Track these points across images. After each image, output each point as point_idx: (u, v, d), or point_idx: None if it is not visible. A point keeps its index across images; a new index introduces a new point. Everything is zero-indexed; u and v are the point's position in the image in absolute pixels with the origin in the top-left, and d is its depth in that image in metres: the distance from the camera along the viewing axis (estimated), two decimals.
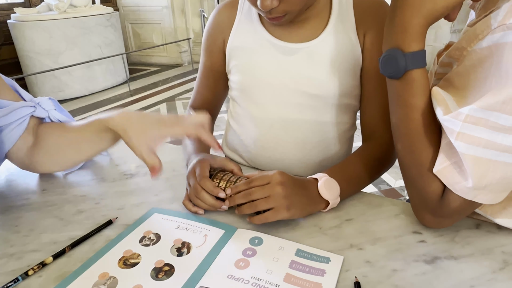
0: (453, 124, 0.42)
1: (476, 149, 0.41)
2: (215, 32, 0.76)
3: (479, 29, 0.44)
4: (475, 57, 0.45)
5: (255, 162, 0.79)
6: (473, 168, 0.42)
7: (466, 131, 0.41)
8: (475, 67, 0.44)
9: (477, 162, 0.42)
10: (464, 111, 0.41)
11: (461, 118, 0.41)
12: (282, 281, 0.45)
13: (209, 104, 0.82)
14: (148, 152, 0.54)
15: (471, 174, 0.42)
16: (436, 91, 0.45)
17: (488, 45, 0.43)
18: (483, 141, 0.41)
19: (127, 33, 5.03)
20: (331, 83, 0.68)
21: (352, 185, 0.61)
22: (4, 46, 3.82)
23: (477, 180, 0.42)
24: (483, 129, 0.40)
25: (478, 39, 0.44)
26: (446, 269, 0.46)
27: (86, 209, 0.61)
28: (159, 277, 0.46)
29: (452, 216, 0.49)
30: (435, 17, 0.45)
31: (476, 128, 0.41)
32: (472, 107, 0.40)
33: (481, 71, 0.43)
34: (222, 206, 0.56)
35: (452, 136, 0.43)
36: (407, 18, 0.45)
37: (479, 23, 0.45)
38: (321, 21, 0.68)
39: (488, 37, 0.43)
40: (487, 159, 0.41)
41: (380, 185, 1.95)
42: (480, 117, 0.40)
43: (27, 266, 0.49)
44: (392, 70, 0.47)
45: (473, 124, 0.41)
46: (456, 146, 0.42)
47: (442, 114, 0.43)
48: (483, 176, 0.42)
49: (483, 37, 0.44)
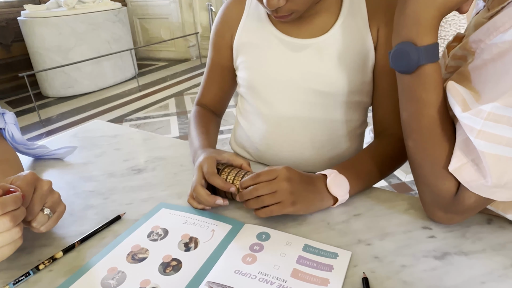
0: (473, 122, 0.41)
1: (497, 147, 0.40)
2: (223, 28, 0.75)
3: (499, 21, 0.42)
4: (495, 51, 0.43)
5: (262, 159, 0.79)
6: (493, 166, 0.41)
7: (487, 129, 0.40)
8: (494, 61, 0.42)
9: (497, 160, 0.41)
10: (486, 108, 0.40)
11: (483, 116, 0.40)
12: (289, 276, 0.44)
13: (216, 100, 0.82)
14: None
15: (490, 172, 0.41)
16: (452, 86, 0.44)
17: (511, 39, 0.41)
18: (505, 139, 0.40)
19: (135, 28, 5.04)
20: (341, 80, 0.66)
21: (362, 182, 0.60)
22: (15, 43, 3.87)
23: (496, 178, 0.41)
24: (506, 127, 0.39)
25: (498, 31, 0.42)
26: (456, 265, 0.45)
27: (95, 204, 0.62)
28: (167, 271, 0.46)
29: (465, 213, 0.48)
30: (448, 9, 0.43)
31: (498, 126, 0.40)
32: (495, 105, 0.39)
33: (501, 66, 0.41)
34: (217, 201, 0.54)
35: (472, 134, 0.41)
36: (420, 10, 0.43)
37: (500, 15, 0.43)
38: (331, 15, 0.66)
39: (511, 30, 0.41)
40: (508, 157, 0.40)
41: (390, 179, 1.94)
42: (502, 114, 0.39)
43: (38, 261, 0.49)
44: (404, 65, 0.45)
45: (495, 122, 0.39)
46: (476, 144, 0.41)
47: (460, 111, 0.42)
48: (502, 174, 0.41)
49: (505, 29, 0.41)
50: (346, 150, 0.75)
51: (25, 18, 3.51)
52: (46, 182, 0.49)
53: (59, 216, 0.51)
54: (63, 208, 0.51)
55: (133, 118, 3.03)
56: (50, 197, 0.49)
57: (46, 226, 0.49)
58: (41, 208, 0.48)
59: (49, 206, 0.49)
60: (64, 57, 3.56)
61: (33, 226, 0.47)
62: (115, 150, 0.81)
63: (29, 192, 0.46)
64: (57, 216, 0.50)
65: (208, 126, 0.75)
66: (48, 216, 0.48)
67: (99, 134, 0.90)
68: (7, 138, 0.70)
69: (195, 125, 0.75)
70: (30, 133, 2.87)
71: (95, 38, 3.70)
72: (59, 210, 0.50)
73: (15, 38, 3.85)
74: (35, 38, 3.49)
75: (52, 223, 0.49)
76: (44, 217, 0.48)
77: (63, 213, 0.51)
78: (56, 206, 0.50)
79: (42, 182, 0.49)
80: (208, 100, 0.82)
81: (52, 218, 0.49)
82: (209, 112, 0.81)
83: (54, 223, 0.50)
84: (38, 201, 0.47)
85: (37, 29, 3.45)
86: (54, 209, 0.50)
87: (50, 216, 0.49)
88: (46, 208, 0.48)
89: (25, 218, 0.46)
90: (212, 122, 0.78)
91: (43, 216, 0.48)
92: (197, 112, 0.79)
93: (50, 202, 0.49)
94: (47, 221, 0.48)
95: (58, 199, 0.51)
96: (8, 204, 0.41)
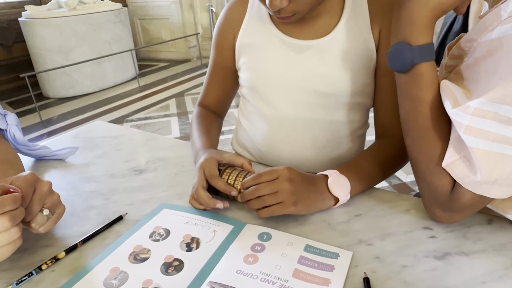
0: (461, 118, 0.42)
1: (485, 142, 0.41)
2: (226, 29, 0.76)
3: (489, 20, 0.43)
4: (485, 49, 0.44)
5: (264, 159, 0.79)
6: (482, 162, 0.41)
7: (474, 125, 0.41)
8: (485, 59, 0.43)
9: (486, 156, 0.41)
10: (472, 104, 0.40)
11: (470, 112, 0.40)
12: (291, 276, 0.45)
13: (218, 101, 0.82)
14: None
15: (480, 168, 0.42)
16: (445, 84, 0.45)
17: (498, 37, 0.42)
18: (492, 134, 0.40)
19: (136, 29, 5.05)
20: (343, 81, 0.66)
21: (363, 182, 0.60)
22: (16, 44, 3.88)
23: (486, 174, 0.42)
24: (492, 122, 0.40)
25: (488, 30, 0.43)
26: (457, 265, 0.45)
27: (97, 205, 0.62)
28: (169, 272, 0.46)
29: (463, 210, 0.49)
30: (442, 10, 0.44)
31: (484, 122, 0.40)
32: (481, 100, 0.40)
33: (491, 63, 0.42)
34: (217, 205, 0.55)
35: (460, 130, 0.42)
36: (414, 11, 0.44)
37: (489, 14, 0.44)
38: (333, 17, 0.66)
39: (498, 28, 0.42)
40: (496, 152, 0.41)
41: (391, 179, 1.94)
42: (488, 110, 0.39)
43: (40, 261, 0.50)
44: (400, 64, 0.46)
45: (482, 117, 0.40)
46: (464, 140, 0.42)
47: (450, 108, 0.43)
48: (492, 170, 0.41)
49: (493, 28, 0.43)
50: (347, 151, 0.76)
51: (26, 19, 3.51)
52: (46, 183, 0.49)
53: (58, 217, 0.51)
54: (62, 209, 0.51)
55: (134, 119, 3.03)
56: (50, 198, 0.49)
57: (45, 227, 0.49)
58: (41, 209, 0.48)
59: (49, 207, 0.49)
60: (65, 58, 3.56)
61: (32, 227, 0.47)
62: (116, 150, 0.81)
63: (29, 192, 0.46)
64: (56, 217, 0.50)
65: (210, 126, 0.76)
66: (47, 217, 0.48)
67: (100, 134, 0.90)
68: (9, 139, 0.70)
69: (197, 126, 0.75)
70: (31, 133, 2.87)
71: (96, 39, 3.71)
72: (58, 211, 0.50)
73: (16, 39, 3.85)
74: (36, 39, 3.50)
75: (51, 224, 0.49)
76: (43, 218, 0.48)
77: (62, 214, 0.51)
78: (55, 207, 0.50)
79: (42, 183, 0.49)
80: (210, 101, 0.82)
81: (51, 219, 0.49)
82: (211, 113, 0.81)
83: (53, 224, 0.50)
84: (37, 201, 0.47)
85: (38, 30, 3.46)
86: (53, 210, 0.50)
87: (49, 217, 0.49)
88: (45, 209, 0.48)
89: (24, 219, 0.46)
90: (214, 122, 0.79)
91: (42, 217, 0.48)
92: (199, 113, 0.79)
93: (50, 203, 0.49)
94: (46, 222, 0.48)
95: (58, 200, 0.51)
96: (6, 204, 0.41)
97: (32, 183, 0.47)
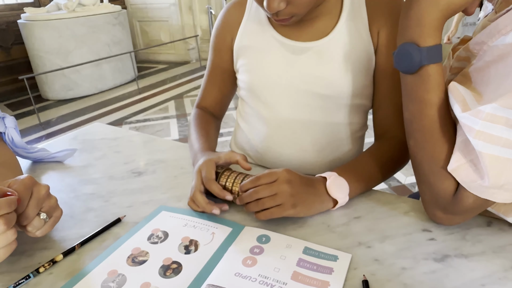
0: (472, 122, 0.41)
1: (495, 147, 0.40)
2: (224, 31, 0.76)
3: (502, 24, 0.43)
4: (496, 53, 0.43)
5: (263, 161, 0.79)
6: (490, 166, 0.41)
7: (485, 130, 0.40)
8: (496, 63, 0.43)
9: (495, 160, 0.41)
10: (485, 109, 0.40)
11: (482, 117, 0.40)
12: (290, 279, 0.44)
13: (216, 102, 0.82)
14: None
15: (488, 173, 0.41)
16: (454, 86, 0.44)
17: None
18: (502, 140, 0.40)
19: (135, 31, 5.06)
20: (342, 83, 0.66)
21: (362, 184, 0.60)
22: (15, 45, 3.88)
23: (494, 178, 0.41)
24: (503, 128, 0.39)
25: (500, 34, 0.43)
26: (456, 267, 0.45)
27: (95, 207, 0.62)
28: (167, 274, 0.46)
29: (464, 213, 0.48)
30: (452, 11, 0.43)
31: (496, 127, 0.40)
32: (494, 106, 0.39)
33: (502, 68, 0.42)
34: (213, 211, 0.55)
35: (470, 134, 0.41)
36: (423, 12, 0.43)
37: (502, 17, 0.43)
38: (332, 19, 0.66)
39: None
40: (505, 158, 0.40)
41: (390, 181, 1.94)
42: (501, 115, 0.39)
43: (38, 264, 0.49)
44: (407, 65, 0.46)
45: (493, 122, 0.40)
46: (474, 144, 0.41)
47: (460, 111, 0.42)
48: (500, 175, 0.41)
49: (507, 32, 0.42)
50: (346, 153, 0.75)
51: (25, 21, 3.51)
52: (43, 187, 0.49)
53: (55, 221, 0.50)
54: (59, 213, 0.51)
55: (133, 121, 3.03)
56: (47, 202, 0.49)
57: (42, 230, 0.48)
58: (38, 212, 0.48)
59: (46, 210, 0.49)
60: (64, 60, 3.56)
61: (29, 231, 0.47)
62: (115, 152, 0.81)
63: (26, 196, 0.46)
64: (53, 221, 0.50)
65: (208, 128, 0.75)
66: (44, 221, 0.48)
67: (99, 136, 0.90)
68: (7, 142, 0.70)
69: (195, 128, 0.75)
70: (30, 135, 2.87)
71: (95, 41, 3.71)
72: (55, 215, 0.50)
73: (15, 41, 3.86)
74: (35, 41, 3.50)
75: (47, 228, 0.49)
76: (40, 222, 0.47)
77: (59, 218, 0.51)
78: (52, 211, 0.50)
79: (40, 186, 0.48)
80: (208, 102, 0.82)
81: (48, 223, 0.49)
82: (209, 115, 0.81)
83: (50, 228, 0.49)
84: (34, 205, 0.47)
85: (37, 32, 3.46)
86: (50, 214, 0.49)
87: (46, 220, 0.48)
88: (43, 213, 0.48)
89: (21, 222, 0.46)
90: (212, 124, 0.79)
91: (39, 221, 0.47)
92: (197, 114, 0.79)
93: (47, 207, 0.49)
94: (43, 226, 0.48)
95: (55, 204, 0.51)
96: (1, 207, 0.41)
97: (29, 187, 0.47)
